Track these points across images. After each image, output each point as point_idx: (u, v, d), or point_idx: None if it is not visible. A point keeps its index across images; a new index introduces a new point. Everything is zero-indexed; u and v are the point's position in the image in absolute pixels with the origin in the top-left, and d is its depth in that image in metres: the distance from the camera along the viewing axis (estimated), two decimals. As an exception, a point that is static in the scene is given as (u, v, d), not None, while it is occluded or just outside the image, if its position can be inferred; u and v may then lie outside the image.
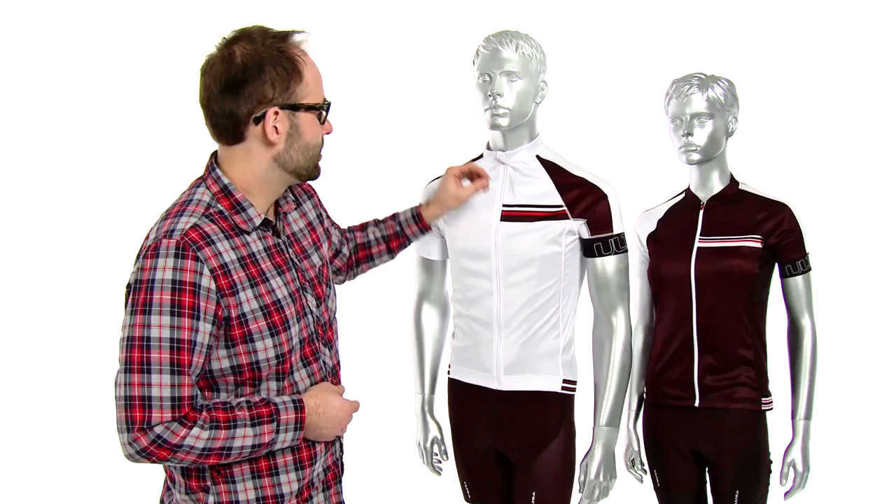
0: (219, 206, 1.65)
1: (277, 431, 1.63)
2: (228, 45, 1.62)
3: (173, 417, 1.54)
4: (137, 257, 1.60)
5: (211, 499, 1.66)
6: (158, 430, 1.53)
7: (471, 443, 2.33)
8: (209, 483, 1.66)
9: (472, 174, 2.24)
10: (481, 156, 2.31)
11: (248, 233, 1.66)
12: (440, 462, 2.52)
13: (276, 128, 1.63)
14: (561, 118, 2.85)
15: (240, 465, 1.66)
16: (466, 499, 2.42)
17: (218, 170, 1.67)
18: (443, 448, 2.49)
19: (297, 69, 1.62)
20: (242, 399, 1.63)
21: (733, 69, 2.56)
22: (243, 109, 1.61)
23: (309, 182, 1.85)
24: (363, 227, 2.22)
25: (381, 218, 2.24)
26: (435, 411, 2.50)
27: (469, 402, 2.32)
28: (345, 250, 2.15)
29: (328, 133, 1.74)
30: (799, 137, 3.92)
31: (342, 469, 1.87)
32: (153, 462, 1.56)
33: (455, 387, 2.36)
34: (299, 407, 1.66)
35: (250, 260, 1.64)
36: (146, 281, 1.54)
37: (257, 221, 1.67)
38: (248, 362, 1.63)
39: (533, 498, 2.23)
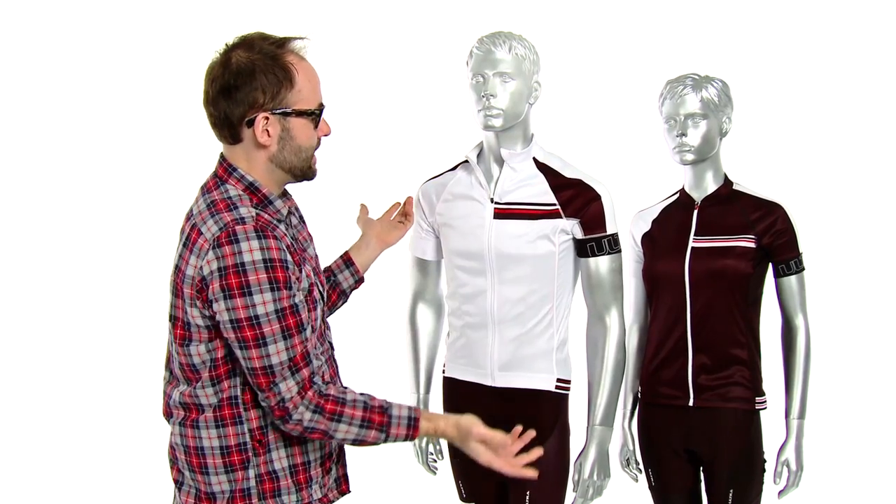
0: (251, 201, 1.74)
1: (385, 439, 1.77)
2: (228, 51, 1.72)
3: (304, 379, 1.69)
4: (195, 251, 1.66)
5: (251, 472, 1.75)
6: (295, 407, 1.68)
7: (465, 442, 2.34)
8: (250, 455, 1.75)
9: (403, 213, 2.26)
10: (464, 162, 2.31)
11: (280, 223, 1.76)
12: (435, 461, 2.52)
13: (266, 131, 1.72)
14: (555, 119, 2.86)
15: (275, 433, 1.76)
16: (462, 498, 2.42)
17: (239, 169, 1.75)
18: (438, 447, 2.50)
19: (288, 77, 1.71)
20: (362, 397, 1.76)
21: (727, 70, 2.57)
22: (236, 113, 1.70)
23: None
24: None
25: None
26: (430, 411, 2.50)
27: (463, 400, 2.32)
28: None
29: (325, 135, 1.81)
30: (793, 138, 3.93)
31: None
32: (323, 420, 1.71)
33: (450, 385, 2.37)
34: (412, 426, 1.78)
35: (293, 247, 1.75)
36: (234, 266, 1.62)
37: (284, 213, 1.78)
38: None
39: (527, 497, 2.23)
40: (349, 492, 1.92)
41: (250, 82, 1.68)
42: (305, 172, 1.79)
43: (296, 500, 1.80)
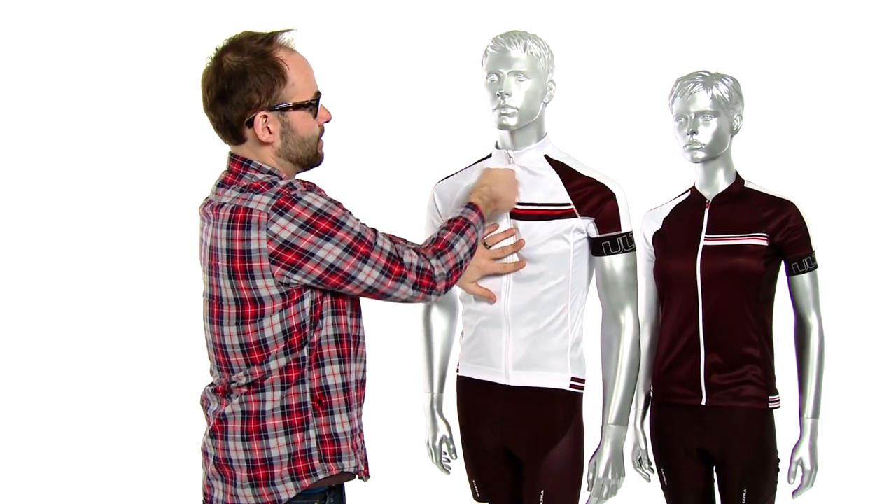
0: None
1: (476, 230, 2.01)
2: (218, 55, 1.76)
3: (418, 259, 1.83)
4: (247, 226, 1.69)
5: (312, 432, 1.79)
6: (431, 268, 1.84)
7: (479, 441, 2.34)
8: (310, 416, 1.79)
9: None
10: (489, 155, 2.32)
11: None
12: (449, 461, 2.52)
13: (268, 129, 1.76)
14: (568, 117, 2.85)
15: (337, 396, 1.82)
16: (475, 497, 2.42)
17: (255, 161, 1.79)
18: (452, 447, 2.50)
19: (280, 73, 1.75)
20: (438, 230, 1.99)
21: (738, 67, 2.57)
22: (235, 115, 1.76)
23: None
24: None
25: None
26: (444, 410, 2.50)
27: (478, 399, 2.32)
28: None
29: (327, 121, 1.85)
30: (805, 135, 3.93)
31: None
32: (453, 284, 1.92)
33: (464, 384, 2.37)
34: (473, 208, 2.04)
35: None
36: (314, 215, 1.71)
37: None
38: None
39: (542, 496, 2.23)
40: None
41: (244, 84, 1.72)
42: (312, 160, 1.85)
43: (353, 465, 1.85)
